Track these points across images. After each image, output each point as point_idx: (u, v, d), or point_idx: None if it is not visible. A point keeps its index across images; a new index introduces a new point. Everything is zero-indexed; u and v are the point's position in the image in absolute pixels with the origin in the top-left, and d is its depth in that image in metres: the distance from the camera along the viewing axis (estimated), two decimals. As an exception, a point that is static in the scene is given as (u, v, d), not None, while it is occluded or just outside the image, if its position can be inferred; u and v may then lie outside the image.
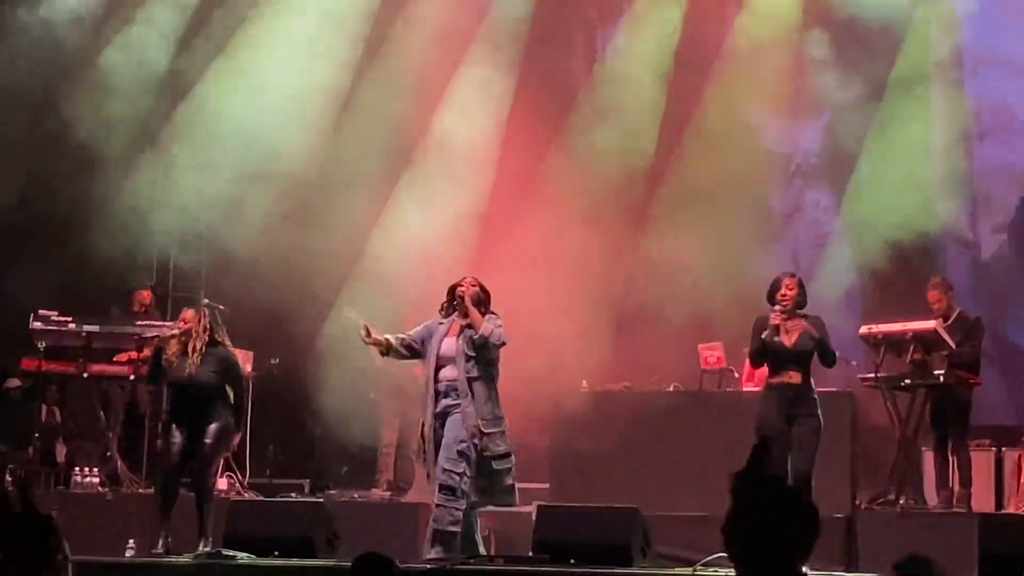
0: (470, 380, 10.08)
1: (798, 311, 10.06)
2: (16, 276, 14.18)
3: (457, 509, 9.94)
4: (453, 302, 10.44)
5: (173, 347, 11.00)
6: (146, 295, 14.22)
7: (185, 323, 11.08)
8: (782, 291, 10.04)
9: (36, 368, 13.14)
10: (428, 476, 10.28)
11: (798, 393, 9.89)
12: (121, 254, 13.83)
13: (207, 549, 10.52)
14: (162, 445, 11.79)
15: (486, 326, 10.19)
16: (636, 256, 14.49)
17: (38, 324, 12.98)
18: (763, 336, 10.01)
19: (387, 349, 10.36)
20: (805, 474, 9.75)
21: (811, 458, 9.80)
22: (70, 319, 12.84)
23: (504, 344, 10.30)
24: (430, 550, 9.89)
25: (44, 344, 12.98)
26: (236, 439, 11.34)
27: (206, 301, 14.65)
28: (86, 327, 12.76)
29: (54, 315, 12.94)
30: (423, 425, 10.26)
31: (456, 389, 10.10)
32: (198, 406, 10.86)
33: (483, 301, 10.37)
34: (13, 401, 15.52)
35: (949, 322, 12.03)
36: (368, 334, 10.26)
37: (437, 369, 10.22)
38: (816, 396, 10.00)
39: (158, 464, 12.18)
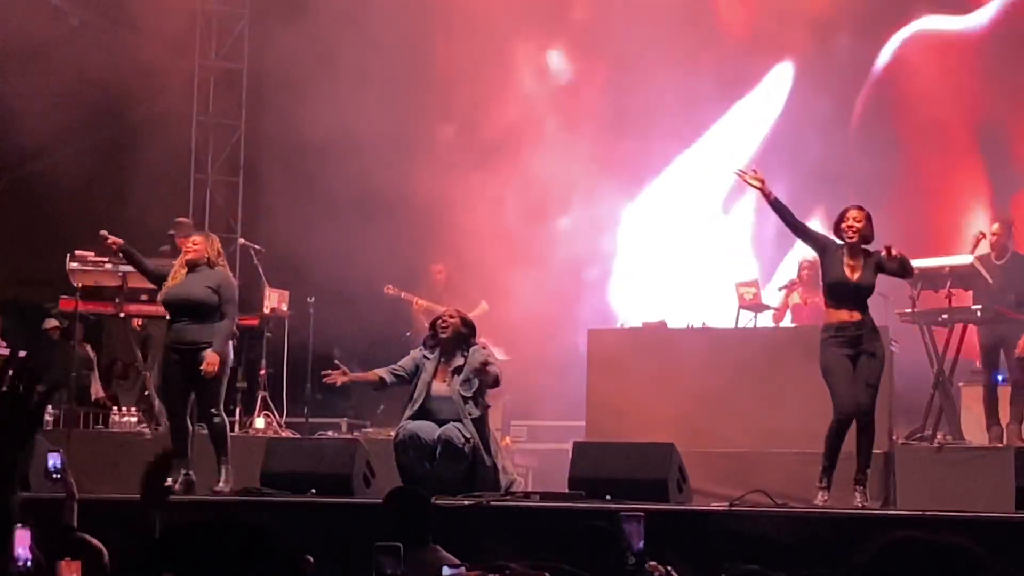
0: (473, 420, 9.97)
1: (863, 245, 9.68)
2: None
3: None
4: (436, 336, 10.19)
5: (179, 274, 10.61)
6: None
7: (195, 245, 10.71)
8: (848, 222, 9.63)
9: (73, 308, 13.09)
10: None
11: (860, 331, 9.67)
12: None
13: (226, 486, 10.37)
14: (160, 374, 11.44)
15: (492, 369, 10.06)
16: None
17: (75, 265, 12.91)
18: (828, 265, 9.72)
19: (381, 383, 10.31)
20: (868, 408, 9.73)
21: (874, 395, 9.75)
22: (106, 259, 12.76)
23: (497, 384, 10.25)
24: None
25: (81, 284, 12.93)
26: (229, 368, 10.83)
27: (242, 241, 14.65)
28: (122, 267, 12.70)
29: (90, 256, 12.87)
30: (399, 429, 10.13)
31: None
32: (194, 330, 10.48)
33: (465, 336, 10.15)
34: (51, 341, 15.60)
35: (1004, 261, 11.97)
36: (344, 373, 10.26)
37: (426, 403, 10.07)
38: (877, 327, 9.83)
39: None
